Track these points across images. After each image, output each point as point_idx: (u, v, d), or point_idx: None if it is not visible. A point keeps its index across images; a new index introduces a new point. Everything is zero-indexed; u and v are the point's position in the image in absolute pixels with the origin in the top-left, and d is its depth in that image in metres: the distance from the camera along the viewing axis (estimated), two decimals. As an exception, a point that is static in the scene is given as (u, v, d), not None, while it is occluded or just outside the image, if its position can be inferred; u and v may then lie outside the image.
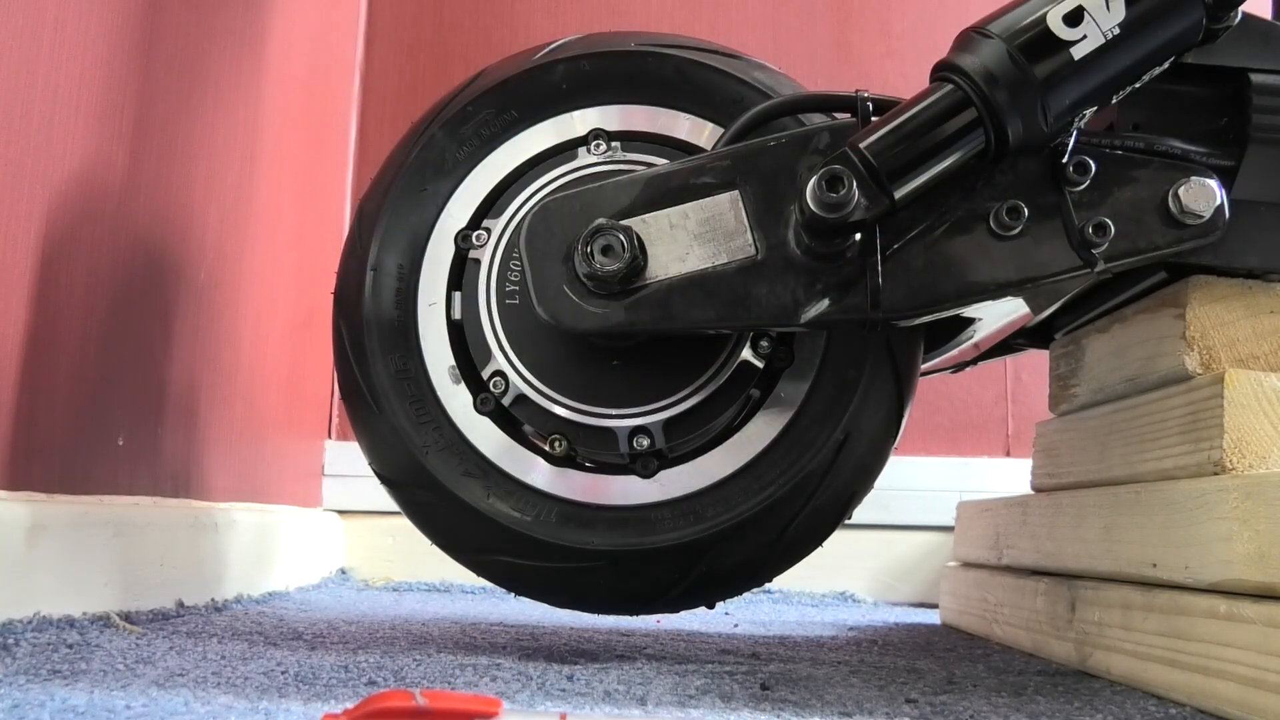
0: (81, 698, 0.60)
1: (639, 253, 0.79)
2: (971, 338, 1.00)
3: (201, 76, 1.25)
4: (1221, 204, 0.77)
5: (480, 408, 0.88)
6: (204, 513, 1.21)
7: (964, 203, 0.79)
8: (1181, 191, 0.78)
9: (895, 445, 0.90)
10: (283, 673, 0.73)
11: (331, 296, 0.93)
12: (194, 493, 1.24)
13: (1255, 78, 0.81)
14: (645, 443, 0.86)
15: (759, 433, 0.88)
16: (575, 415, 0.87)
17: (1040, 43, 0.74)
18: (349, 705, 0.57)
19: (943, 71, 0.77)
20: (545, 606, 0.99)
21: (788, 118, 0.87)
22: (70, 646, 0.79)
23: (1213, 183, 0.78)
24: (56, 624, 0.88)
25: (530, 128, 0.92)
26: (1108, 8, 0.74)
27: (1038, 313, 0.94)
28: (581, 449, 0.87)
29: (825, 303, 0.79)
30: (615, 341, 0.86)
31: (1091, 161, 0.78)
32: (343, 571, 1.76)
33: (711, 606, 0.95)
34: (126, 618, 0.96)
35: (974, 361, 1.14)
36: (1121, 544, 0.84)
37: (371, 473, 0.92)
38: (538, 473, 0.88)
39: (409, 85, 1.90)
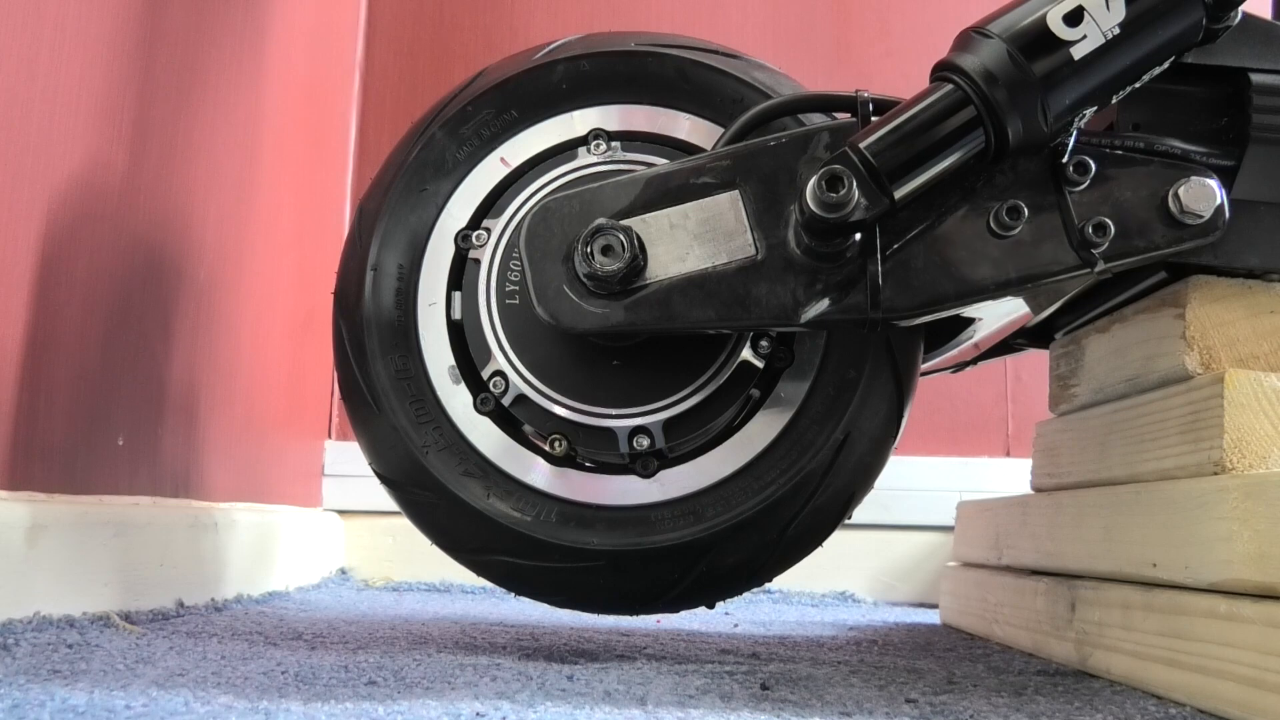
0: (81, 698, 0.60)
1: (639, 253, 0.79)
2: (971, 338, 1.00)
3: (201, 76, 1.25)
4: (1221, 204, 0.77)
5: (480, 408, 0.88)
6: (204, 513, 1.21)
7: (964, 203, 0.79)
8: (1181, 191, 0.77)
9: (895, 445, 0.90)
10: (283, 673, 0.73)
11: (331, 296, 0.93)
12: (194, 493, 1.24)
13: (1255, 78, 0.81)
14: (645, 443, 0.86)
15: (759, 433, 0.88)
16: (575, 415, 0.86)
17: (1040, 42, 0.74)
18: None
19: (942, 71, 0.77)
20: (545, 606, 0.99)
21: (788, 118, 0.87)
22: (70, 646, 0.79)
23: (1213, 183, 0.78)
24: (56, 624, 0.88)
25: (530, 128, 0.92)
26: (1108, 7, 0.74)
27: (1038, 313, 0.94)
28: (581, 449, 0.87)
29: (825, 303, 0.79)
30: (615, 341, 0.86)
31: (1091, 161, 0.78)
32: (343, 571, 1.76)
33: (711, 606, 0.95)
34: (126, 618, 0.96)
35: (974, 361, 1.14)
36: (1121, 544, 0.84)
37: (371, 472, 0.92)
38: (538, 473, 0.88)
39: (409, 85, 1.90)
